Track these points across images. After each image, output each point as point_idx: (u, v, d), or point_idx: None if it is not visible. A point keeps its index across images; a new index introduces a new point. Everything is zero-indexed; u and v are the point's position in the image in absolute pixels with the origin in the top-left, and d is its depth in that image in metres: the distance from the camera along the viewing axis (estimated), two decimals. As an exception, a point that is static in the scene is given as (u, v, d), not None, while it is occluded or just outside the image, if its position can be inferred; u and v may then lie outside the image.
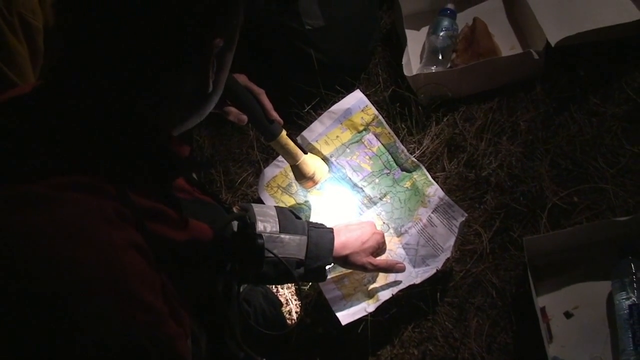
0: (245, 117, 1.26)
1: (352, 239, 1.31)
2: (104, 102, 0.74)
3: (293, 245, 1.19)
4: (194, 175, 1.12)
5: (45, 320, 0.63)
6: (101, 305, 0.65)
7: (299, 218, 1.26)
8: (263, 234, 1.15)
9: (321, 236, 1.25)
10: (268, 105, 1.29)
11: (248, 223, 0.99)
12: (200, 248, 0.86)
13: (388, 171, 1.55)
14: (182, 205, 0.85)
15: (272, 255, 1.10)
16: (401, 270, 1.38)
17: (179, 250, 0.81)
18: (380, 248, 1.37)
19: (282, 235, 1.18)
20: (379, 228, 1.51)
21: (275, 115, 1.30)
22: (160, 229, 0.77)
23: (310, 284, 1.49)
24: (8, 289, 0.63)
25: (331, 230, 1.29)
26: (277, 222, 1.20)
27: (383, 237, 1.38)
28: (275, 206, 1.27)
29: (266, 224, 1.18)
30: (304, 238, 1.21)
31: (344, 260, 1.30)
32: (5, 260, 0.64)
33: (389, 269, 1.38)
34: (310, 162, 1.43)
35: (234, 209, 1.20)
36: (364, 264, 1.31)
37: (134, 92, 0.75)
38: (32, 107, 0.76)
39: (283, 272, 1.15)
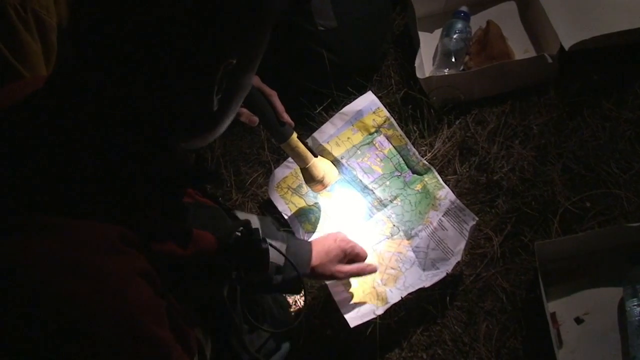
0: (256, 119, 1.26)
1: (314, 251, 1.28)
2: (105, 115, 0.71)
3: (273, 252, 1.17)
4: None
5: (47, 358, 0.62)
6: (106, 342, 0.64)
7: (279, 230, 1.26)
8: None
9: (299, 246, 1.25)
10: (280, 107, 1.29)
11: (252, 229, 0.98)
12: (205, 259, 0.86)
13: (399, 173, 1.55)
14: (186, 210, 0.84)
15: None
16: (373, 271, 1.38)
17: (184, 264, 0.80)
18: (350, 255, 1.35)
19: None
20: (388, 231, 1.51)
21: (286, 117, 1.30)
22: (165, 247, 0.76)
23: (320, 284, 1.49)
24: (10, 326, 0.62)
25: (309, 242, 1.28)
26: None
27: (349, 243, 1.35)
28: (258, 216, 1.27)
29: None
30: (284, 245, 1.21)
31: (311, 273, 1.28)
32: (7, 296, 0.63)
33: (360, 272, 1.37)
34: (320, 166, 1.43)
35: None
36: (332, 273, 1.31)
37: (138, 104, 0.71)
38: (29, 117, 0.73)
39: (263, 280, 1.14)
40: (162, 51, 0.67)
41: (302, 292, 1.26)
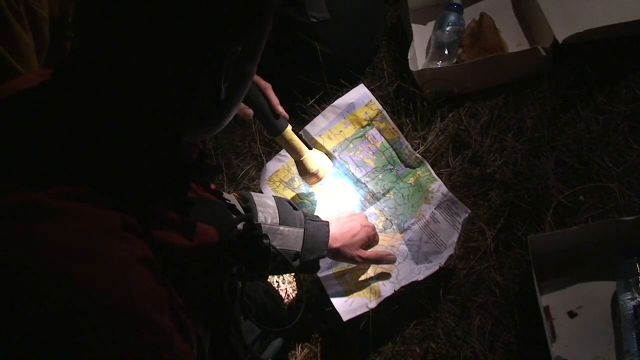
0: (251, 111, 1.25)
1: (342, 231, 1.32)
2: (113, 104, 0.72)
3: (292, 237, 1.21)
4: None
5: (47, 342, 0.61)
6: (107, 327, 0.63)
7: (296, 209, 1.28)
8: (264, 226, 1.16)
9: (317, 229, 1.26)
10: (274, 99, 1.28)
11: (254, 224, 0.98)
12: (207, 253, 0.85)
13: (391, 167, 1.55)
14: (189, 203, 0.84)
15: (276, 251, 1.10)
16: (392, 261, 1.40)
17: (186, 256, 0.80)
18: (371, 240, 1.39)
19: (282, 228, 1.20)
20: (381, 224, 1.51)
21: (281, 109, 1.30)
22: (167, 236, 0.75)
23: (313, 278, 1.48)
24: (9, 308, 0.61)
25: (327, 223, 1.30)
26: (277, 214, 1.21)
27: (374, 229, 1.39)
28: (273, 196, 1.27)
29: (266, 215, 1.19)
30: (301, 230, 1.23)
31: (335, 253, 1.31)
32: (6, 277, 0.62)
33: (379, 260, 1.39)
34: (315, 158, 1.42)
35: (232, 195, 1.20)
36: (353, 257, 1.33)
37: (144, 94, 0.72)
38: (38, 107, 0.74)
39: (281, 263, 1.16)
40: (169, 40, 0.68)
41: (301, 286, 1.28)
